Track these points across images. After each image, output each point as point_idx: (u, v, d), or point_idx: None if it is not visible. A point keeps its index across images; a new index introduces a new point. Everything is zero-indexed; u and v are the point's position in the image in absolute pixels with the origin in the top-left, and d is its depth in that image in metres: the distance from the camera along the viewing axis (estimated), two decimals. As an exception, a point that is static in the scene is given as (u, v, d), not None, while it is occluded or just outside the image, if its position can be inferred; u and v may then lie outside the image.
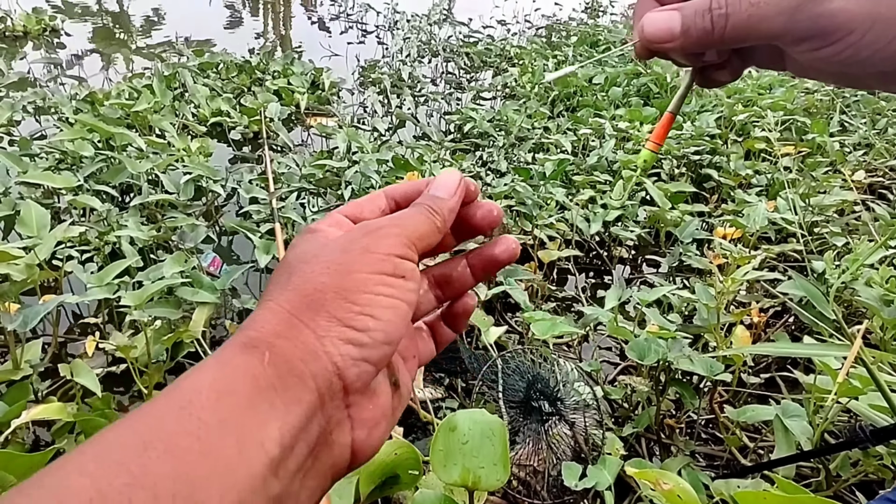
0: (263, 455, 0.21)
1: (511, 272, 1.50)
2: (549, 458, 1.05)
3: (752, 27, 0.26)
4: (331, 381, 0.24)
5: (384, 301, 0.26)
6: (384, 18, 5.02)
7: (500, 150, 2.44)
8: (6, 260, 1.18)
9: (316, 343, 0.25)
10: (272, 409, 0.22)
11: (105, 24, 4.35)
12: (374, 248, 0.27)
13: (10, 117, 2.21)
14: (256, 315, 0.26)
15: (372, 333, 0.25)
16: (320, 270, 0.27)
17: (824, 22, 0.25)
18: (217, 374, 0.23)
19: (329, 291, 0.26)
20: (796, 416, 0.96)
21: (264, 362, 0.24)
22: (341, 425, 0.25)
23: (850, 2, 0.24)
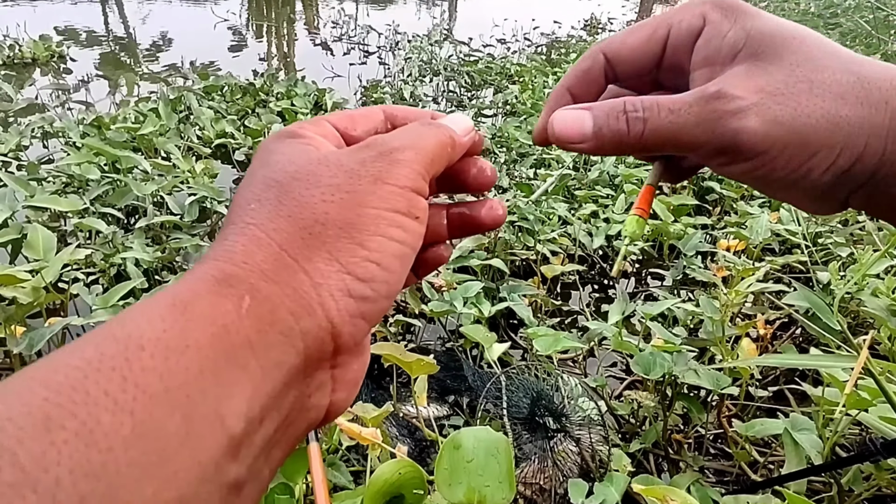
0: (221, 434, 0.16)
1: (515, 287, 1.50)
2: (555, 475, 1.03)
3: (671, 135, 0.25)
4: (323, 341, 0.20)
5: (395, 248, 0.21)
6: (385, 39, 5.10)
7: (502, 165, 2.45)
8: (13, 283, 1.19)
9: (311, 292, 0.20)
10: (244, 373, 0.17)
11: (112, 49, 4.43)
12: (389, 176, 0.22)
13: (18, 142, 2.25)
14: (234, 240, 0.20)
15: (376, 285, 0.21)
16: (321, 196, 0.21)
17: (741, 138, 0.24)
18: (172, 319, 0.17)
19: (332, 226, 0.21)
20: (806, 430, 0.94)
21: (241, 309, 0.18)
22: (322, 388, 0.21)
23: (766, 123, 0.23)
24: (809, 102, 0.23)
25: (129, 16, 5.49)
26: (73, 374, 0.15)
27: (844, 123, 0.23)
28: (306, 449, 0.72)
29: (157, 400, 0.15)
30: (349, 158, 0.23)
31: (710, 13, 0.26)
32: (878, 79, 0.23)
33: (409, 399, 1.24)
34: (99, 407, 0.14)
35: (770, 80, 0.24)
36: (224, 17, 5.72)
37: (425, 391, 1.06)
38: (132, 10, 5.74)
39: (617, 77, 0.29)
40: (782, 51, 0.24)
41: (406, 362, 0.94)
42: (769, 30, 0.24)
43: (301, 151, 0.23)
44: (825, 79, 0.23)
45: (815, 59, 0.24)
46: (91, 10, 5.52)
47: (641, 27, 0.27)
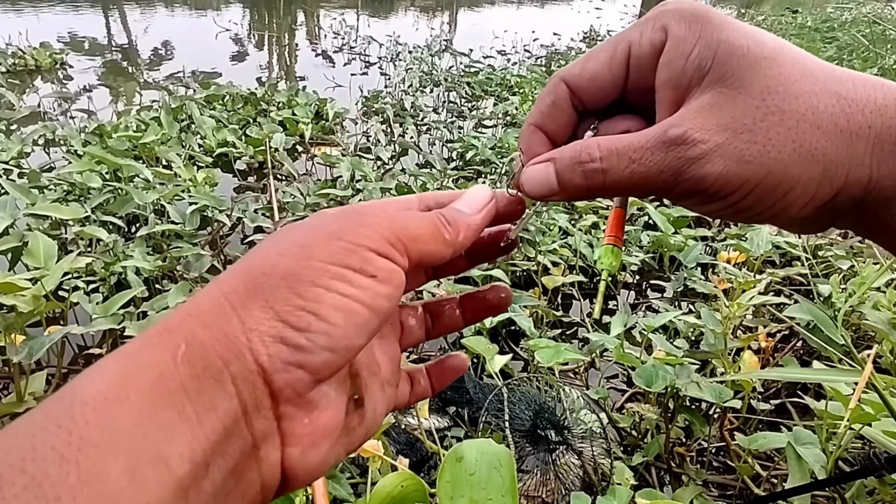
0: (167, 476, 0.17)
1: (516, 298, 1.49)
2: (557, 488, 1.03)
3: (634, 184, 0.23)
4: (254, 385, 0.20)
5: (335, 300, 0.21)
6: (386, 50, 5.13)
7: (503, 176, 2.46)
8: (13, 291, 1.18)
9: (241, 337, 0.20)
10: (181, 418, 0.18)
11: (114, 58, 4.46)
12: (346, 234, 0.22)
13: (20, 150, 2.25)
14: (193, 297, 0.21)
15: (312, 335, 0.20)
16: (278, 250, 0.22)
17: (706, 183, 0.22)
18: (113, 372, 0.18)
19: (275, 276, 0.21)
20: (809, 444, 0.94)
21: (177, 357, 0.19)
22: (270, 440, 0.21)
23: (732, 165, 0.22)
24: (781, 136, 0.21)
25: (131, 25, 5.53)
26: (23, 435, 0.16)
27: (821, 156, 0.21)
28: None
29: (101, 448, 0.16)
30: (316, 219, 0.23)
31: (673, 26, 0.23)
32: (861, 100, 0.21)
33: (409, 411, 1.24)
34: (47, 462, 0.16)
35: (737, 113, 0.22)
36: (226, 26, 5.76)
37: (427, 403, 1.06)
38: (134, 20, 5.77)
39: (584, 105, 0.27)
40: (752, 75, 0.22)
41: (408, 374, 0.94)
42: (738, 48, 0.22)
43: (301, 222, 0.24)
44: (800, 107, 0.21)
45: (790, 83, 0.21)
46: (94, 20, 5.55)
47: (600, 50, 0.25)
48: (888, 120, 0.21)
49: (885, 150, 0.21)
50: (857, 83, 0.22)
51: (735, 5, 10.46)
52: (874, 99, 0.21)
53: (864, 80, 0.22)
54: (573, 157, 0.24)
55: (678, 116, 0.23)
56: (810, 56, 0.23)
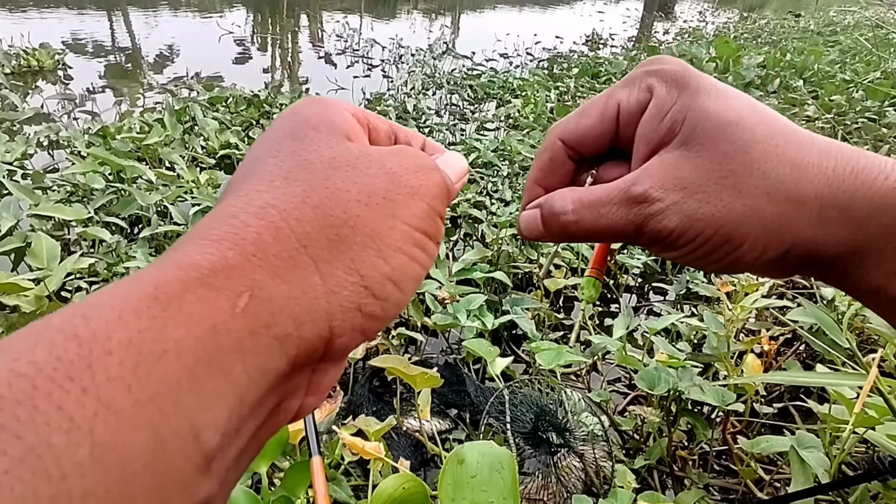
0: (194, 451, 0.14)
1: (517, 301, 1.49)
2: (558, 491, 1.02)
3: (604, 234, 0.26)
4: (316, 349, 0.18)
5: (415, 270, 0.20)
6: (389, 53, 5.15)
7: (505, 179, 2.46)
8: (16, 291, 1.18)
9: (321, 300, 0.18)
10: (226, 382, 0.15)
11: (118, 61, 4.48)
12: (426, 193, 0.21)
13: (24, 151, 2.26)
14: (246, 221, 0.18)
15: (387, 305, 0.19)
16: (357, 195, 0.19)
17: (663, 235, 0.24)
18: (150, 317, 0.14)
19: (362, 232, 0.19)
20: (812, 448, 0.93)
21: (237, 308, 0.16)
22: (298, 392, 0.19)
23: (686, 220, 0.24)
24: (732, 199, 0.23)
25: (135, 28, 5.55)
26: (19, 384, 0.12)
27: (768, 220, 0.23)
28: (308, 462, 0.71)
29: (122, 417, 0.13)
30: (391, 161, 0.21)
31: (657, 87, 0.26)
32: (813, 168, 0.23)
33: (410, 413, 1.23)
34: (51, 426, 0.12)
35: (694, 175, 0.24)
36: (229, 29, 5.78)
37: (429, 405, 1.06)
38: (138, 22, 5.80)
39: (580, 155, 0.29)
40: (715, 140, 0.24)
41: (410, 375, 0.94)
42: (708, 113, 0.24)
43: (340, 137, 0.21)
44: (753, 173, 0.23)
45: (748, 149, 0.23)
46: (97, 23, 5.58)
47: (592, 107, 0.28)
48: (834, 189, 0.22)
49: (828, 217, 0.23)
50: (814, 150, 0.23)
51: (738, 9, 10.47)
52: (825, 168, 0.23)
53: (821, 148, 0.23)
54: (551, 209, 0.27)
55: (642, 171, 0.25)
56: (777, 120, 0.24)
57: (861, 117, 2.93)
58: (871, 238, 0.22)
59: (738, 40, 5.82)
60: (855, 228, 0.22)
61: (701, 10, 10.41)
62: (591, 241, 0.28)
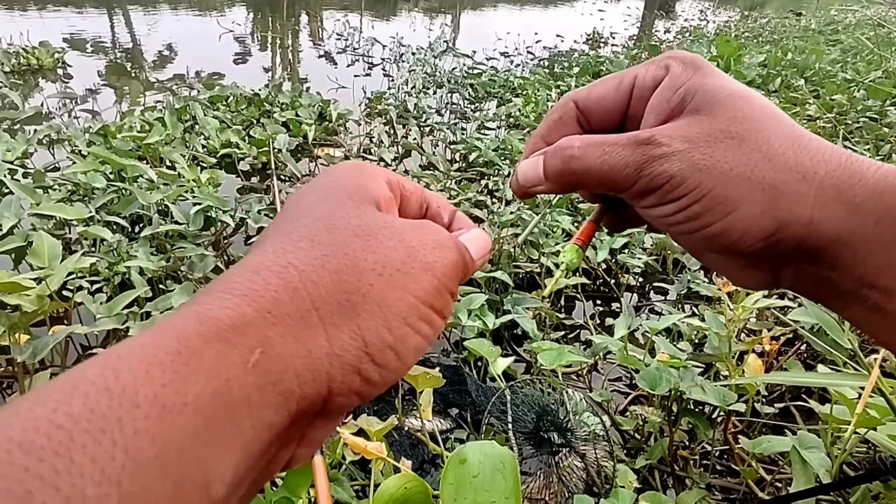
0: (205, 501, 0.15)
1: (519, 300, 1.49)
2: (560, 491, 1.02)
3: (603, 174, 0.26)
4: (313, 405, 0.19)
5: (417, 342, 0.21)
6: (390, 51, 5.14)
7: (506, 178, 2.46)
8: (17, 291, 1.18)
9: (324, 361, 0.19)
10: (236, 434, 0.16)
11: (118, 59, 4.47)
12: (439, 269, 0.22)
13: (24, 150, 2.26)
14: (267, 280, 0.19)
15: (386, 373, 0.20)
16: (374, 264, 0.20)
17: (662, 180, 0.25)
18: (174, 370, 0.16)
19: (372, 301, 0.20)
20: (813, 448, 0.93)
21: (248, 363, 0.17)
22: (291, 444, 0.20)
23: (687, 169, 0.24)
24: (734, 157, 0.24)
25: (135, 26, 5.55)
26: (58, 436, 0.14)
27: (768, 185, 0.23)
28: (310, 462, 0.71)
29: (148, 467, 0.14)
30: (411, 235, 0.22)
31: (673, 65, 0.27)
32: (812, 149, 0.24)
33: (412, 412, 1.24)
34: (85, 479, 0.13)
35: (701, 130, 0.24)
36: (229, 27, 5.77)
37: (430, 404, 1.06)
38: (138, 21, 5.79)
39: (590, 125, 0.29)
40: (723, 107, 0.25)
41: (412, 375, 0.94)
42: (718, 89, 0.25)
43: (370, 205, 0.23)
44: (758, 139, 0.24)
45: (754, 119, 0.24)
46: (98, 21, 5.58)
47: (610, 78, 0.29)
48: (832, 171, 0.23)
49: (827, 196, 0.23)
50: (812, 138, 0.24)
51: (739, 7, 10.46)
52: (822, 151, 0.24)
53: (818, 138, 0.25)
54: (558, 145, 0.27)
55: (652, 129, 0.26)
56: (780, 111, 0.25)
57: (862, 117, 2.93)
58: (868, 224, 0.22)
59: (740, 39, 5.82)
60: (851, 212, 0.22)
61: (702, 8, 10.39)
62: (586, 186, 0.28)
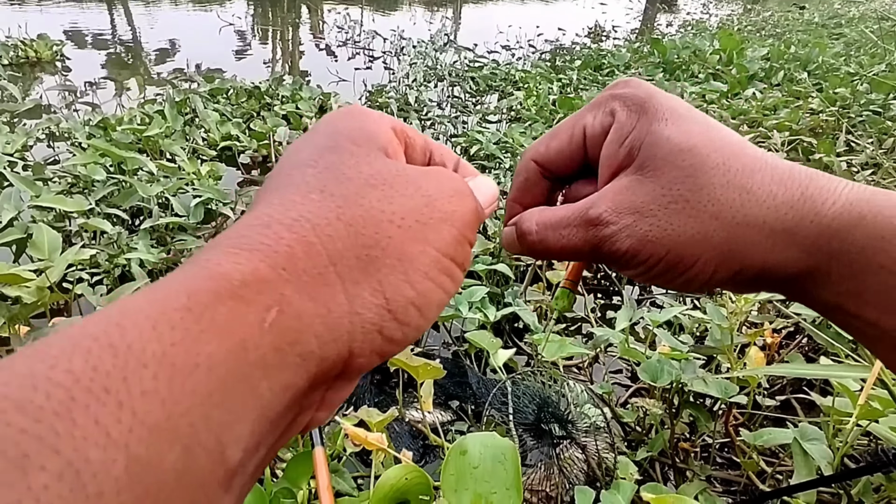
0: (219, 467, 0.14)
1: (520, 293, 1.49)
2: (561, 482, 1.02)
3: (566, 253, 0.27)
4: (334, 366, 0.18)
5: (439, 297, 0.20)
6: (390, 44, 5.12)
7: (507, 171, 2.45)
8: (18, 282, 1.18)
9: (344, 320, 0.18)
10: (252, 396, 0.15)
11: (118, 52, 4.46)
12: (458, 219, 0.21)
13: (24, 142, 2.25)
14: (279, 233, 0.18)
15: (408, 330, 0.19)
16: (391, 215, 0.19)
17: (618, 256, 0.26)
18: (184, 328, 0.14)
19: (392, 255, 0.19)
20: (815, 440, 0.93)
21: (265, 322, 0.16)
22: (311, 407, 0.19)
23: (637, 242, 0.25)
24: (681, 222, 0.24)
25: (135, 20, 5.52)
26: (57, 394, 0.12)
27: (718, 243, 0.24)
28: (311, 453, 0.71)
29: (157, 431, 0.13)
30: (427, 183, 0.21)
31: (619, 111, 0.26)
32: (762, 195, 0.24)
33: (412, 404, 1.24)
34: (88, 442, 0.12)
35: (646, 197, 0.25)
36: (229, 20, 5.75)
37: (431, 396, 1.06)
38: (138, 13, 5.77)
39: (553, 175, 0.30)
40: (667, 166, 0.24)
41: (413, 367, 0.94)
42: (663, 140, 0.25)
43: (378, 152, 0.22)
44: (702, 198, 0.24)
45: (698, 174, 0.24)
46: (98, 15, 5.55)
47: (560, 131, 0.29)
48: (782, 216, 0.23)
49: (779, 241, 0.23)
50: (766, 176, 0.24)
51: (741, 0, 10.40)
52: (774, 194, 0.24)
53: (774, 174, 0.24)
54: (520, 227, 0.28)
55: (600, 195, 0.26)
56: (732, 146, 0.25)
57: (865, 110, 2.91)
58: (822, 261, 0.23)
59: (742, 32, 5.78)
60: (803, 252, 0.23)
61: (704, 1, 10.33)
62: (557, 259, 0.30)
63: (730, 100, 3.39)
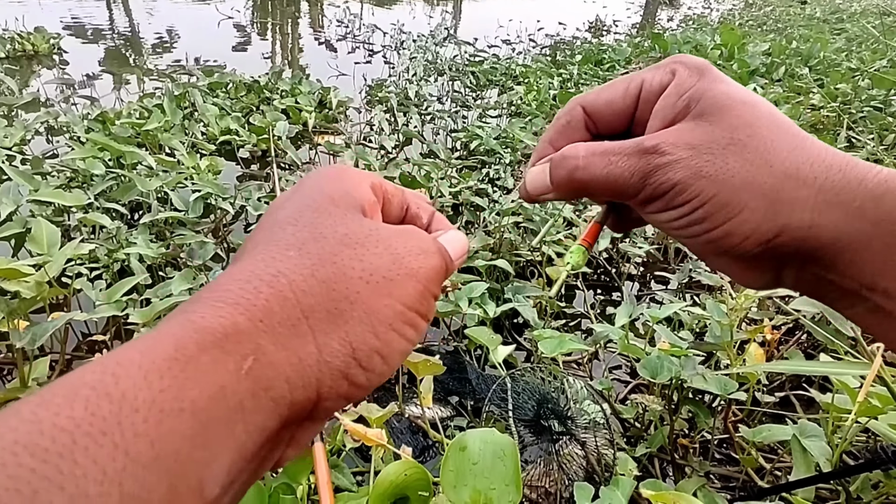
0: (198, 501, 0.16)
1: (520, 289, 1.49)
2: (560, 478, 1.02)
3: (609, 183, 0.27)
4: (303, 409, 0.20)
5: (402, 346, 0.22)
6: (390, 38, 5.10)
7: (507, 167, 2.44)
8: (16, 277, 1.18)
9: (314, 367, 0.20)
10: (229, 437, 0.17)
11: (116, 45, 4.43)
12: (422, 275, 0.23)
13: (22, 136, 2.24)
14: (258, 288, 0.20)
15: (373, 376, 0.21)
16: (361, 272, 0.21)
17: (666, 187, 0.25)
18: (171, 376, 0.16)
19: (359, 308, 0.21)
20: (814, 436, 0.93)
21: (242, 370, 0.18)
22: (280, 445, 0.21)
23: (691, 176, 0.25)
24: (737, 165, 0.24)
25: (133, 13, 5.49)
26: (62, 439, 0.14)
27: (769, 191, 0.24)
28: (310, 449, 0.71)
29: (147, 469, 0.15)
30: (396, 241, 0.23)
31: (680, 70, 0.27)
32: (812, 156, 0.24)
33: (412, 400, 1.24)
34: (88, 479, 0.14)
35: (704, 137, 0.25)
36: (228, 14, 5.72)
37: (431, 392, 1.06)
38: (137, 6, 5.73)
39: (598, 129, 0.30)
40: (726, 113, 0.25)
41: (412, 363, 0.94)
42: (722, 93, 0.26)
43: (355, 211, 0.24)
44: (758, 145, 0.24)
45: (756, 125, 0.25)
46: (96, 8, 5.52)
47: (617, 81, 0.29)
48: (832, 175, 0.24)
49: (826, 200, 0.24)
50: (813, 143, 0.25)
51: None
52: (823, 156, 0.24)
53: (819, 143, 0.25)
54: (562, 154, 0.28)
55: (656, 135, 0.26)
56: (783, 116, 0.26)
57: (867, 106, 2.90)
58: (864, 229, 0.23)
59: (744, 28, 5.76)
60: (850, 215, 0.23)
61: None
62: (592, 194, 0.28)
63: (731, 95, 3.38)
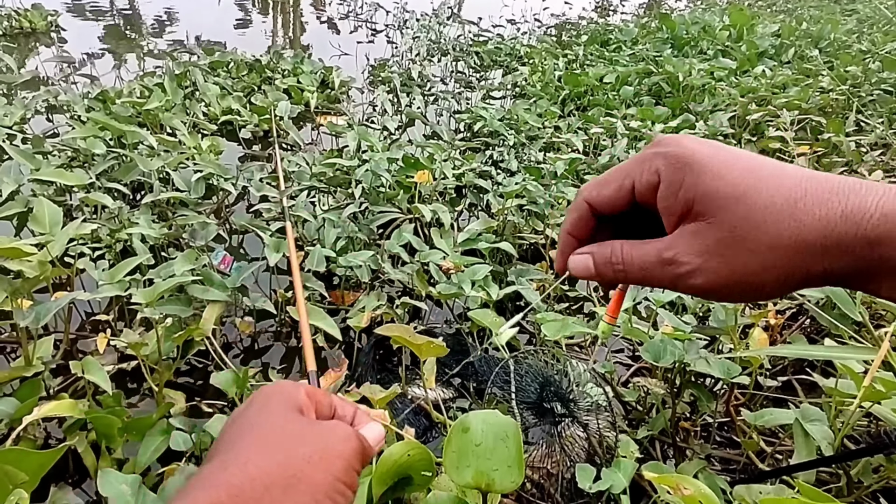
0: None
1: (523, 272, 1.48)
2: (562, 460, 1.03)
3: (645, 281, 0.33)
4: None
5: None
6: (393, 17, 5.02)
7: (511, 148, 2.42)
8: (19, 256, 1.18)
9: None
10: None
11: (116, 23, 4.37)
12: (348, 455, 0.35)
13: (23, 115, 2.22)
14: (232, 464, 0.32)
15: None
16: (304, 456, 0.34)
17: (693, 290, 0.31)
18: None
19: (305, 480, 0.32)
20: (816, 421, 0.93)
21: None
22: None
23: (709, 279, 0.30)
24: (745, 258, 0.29)
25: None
26: None
27: (780, 269, 0.29)
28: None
29: None
30: (326, 433, 0.35)
31: (663, 170, 0.31)
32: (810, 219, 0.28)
33: (415, 381, 1.24)
34: None
35: (711, 242, 0.30)
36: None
37: (434, 373, 1.06)
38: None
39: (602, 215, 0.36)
40: (724, 213, 0.29)
41: (416, 344, 0.94)
42: (715, 192, 0.29)
43: (295, 412, 0.36)
44: (759, 236, 0.28)
45: (752, 216, 0.29)
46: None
47: (610, 180, 0.34)
48: (830, 233, 0.27)
49: (831, 254, 0.28)
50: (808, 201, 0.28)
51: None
52: (819, 217, 0.27)
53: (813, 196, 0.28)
54: (605, 258, 0.34)
55: (671, 239, 0.31)
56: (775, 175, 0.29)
57: (877, 89, 2.86)
58: (871, 265, 0.27)
59: (753, 8, 5.66)
60: (855, 259, 0.27)
61: (715, -24, 10.07)
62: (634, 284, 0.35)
63: (738, 77, 3.33)
